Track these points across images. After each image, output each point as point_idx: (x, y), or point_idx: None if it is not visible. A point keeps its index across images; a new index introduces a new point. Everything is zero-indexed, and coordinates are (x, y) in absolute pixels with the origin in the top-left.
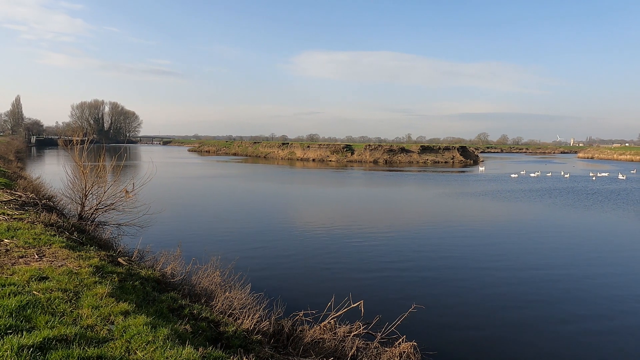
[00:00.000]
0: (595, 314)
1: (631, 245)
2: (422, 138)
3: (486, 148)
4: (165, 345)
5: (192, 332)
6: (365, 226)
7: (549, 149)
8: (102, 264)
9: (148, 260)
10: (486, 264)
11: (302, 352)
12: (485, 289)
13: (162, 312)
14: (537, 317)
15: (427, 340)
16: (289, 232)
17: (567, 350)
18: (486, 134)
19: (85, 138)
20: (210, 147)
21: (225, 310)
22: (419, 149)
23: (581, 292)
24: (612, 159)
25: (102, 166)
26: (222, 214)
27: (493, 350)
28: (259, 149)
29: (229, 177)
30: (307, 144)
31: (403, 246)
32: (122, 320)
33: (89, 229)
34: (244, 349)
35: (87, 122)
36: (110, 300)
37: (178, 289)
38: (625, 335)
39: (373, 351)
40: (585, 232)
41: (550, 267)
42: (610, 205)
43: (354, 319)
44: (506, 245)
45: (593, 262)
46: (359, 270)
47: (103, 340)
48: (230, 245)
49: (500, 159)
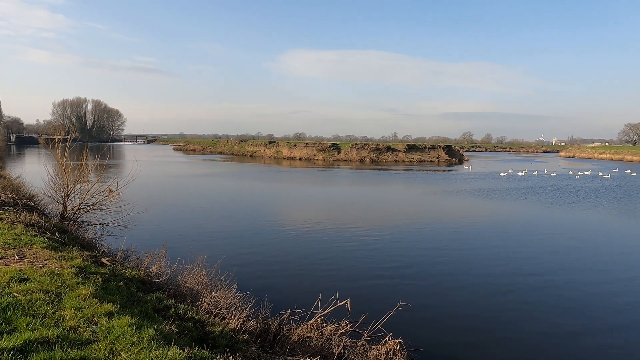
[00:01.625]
0: (583, 312)
1: (611, 238)
2: (408, 137)
3: (471, 147)
4: (150, 346)
5: (178, 333)
6: (352, 225)
7: (531, 148)
8: (85, 264)
9: (132, 261)
10: (472, 262)
11: (289, 351)
12: (470, 286)
13: (147, 313)
14: (523, 314)
15: (413, 338)
16: (276, 231)
17: (551, 346)
18: (471, 133)
19: (67, 136)
20: (195, 146)
21: (212, 310)
22: (405, 148)
23: (567, 290)
24: (592, 158)
25: (84, 165)
26: (208, 214)
27: (478, 347)
28: (245, 148)
29: (215, 176)
30: (294, 142)
31: (390, 245)
32: (105, 322)
33: (71, 229)
34: (231, 348)
35: (69, 120)
36: (93, 301)
37: (163, 289)
38: (609, 329)
39: (360, 349)
40: (573, 229)
41: (538, 265)
42: (592, 202)
43: (341, 318)
44: (493, 243)
45: (582, 260)
46: (345, 269)
47: (86, 341)
48: (216, 244)
49: (485, 158)
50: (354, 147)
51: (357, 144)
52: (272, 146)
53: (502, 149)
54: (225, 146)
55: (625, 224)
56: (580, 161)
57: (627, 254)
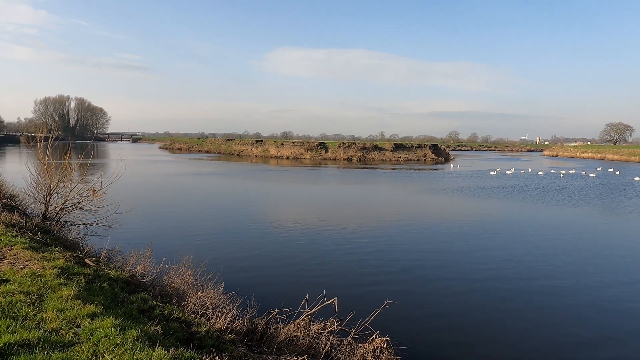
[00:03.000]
0: (570, 308)
1: (601, 235)
2: (395, 136)
3: (457, 146)
4: (134, 348)
5: (163, 333)
6: (340, 224)
7: (516, 147)
8: (68, 265)
9: (117, 261)
10: (459, 261)
11: (276, 350)
12: (457, 285)
13: (131, 314)
14: (510, 312)
15: (399, 335)
16: (263, 230)
17: (536, 344)
18: (457, 132)
19: (50, 135)
20: (182, 145)
21: (198, 310)
22: (392, 146)
23: (556, 288)
24: (575, 157)
25: (67, 164)
26: (194, 213)
27: (464, 344)
28: (232, 147)
29: (202, 175)
30: (281, 141)
31: (377, 243)
32: (89, 323)
33: (53, 229)
34: (217, 348)
35: (51, 119)
36: (76, 302)
37: (149, 289)
38: (592, 327)
39: (347, 347)
40: (563, 227)
41: (525, 264)
42: (580, 199)
43: (328, 316)
44: (481, 242)
45: (571, 259)
46: (333, 267)
47: (69, 344)
48: (203, 244)
49: (471, 157)
50: (342, 146)
51: (345, 143)
52: (259, 145)
53: (487, 148)
54: (212, 145)
55: (613, 220)
56: (563, 160)
57: (617, 249)
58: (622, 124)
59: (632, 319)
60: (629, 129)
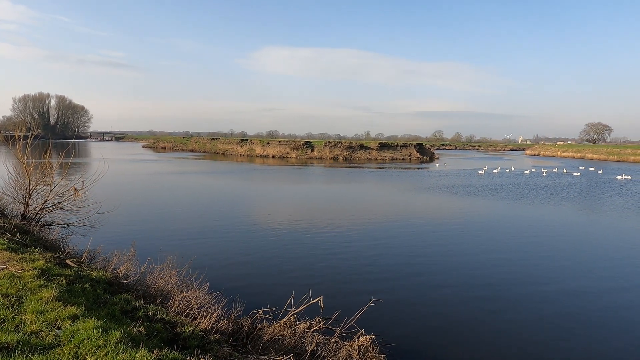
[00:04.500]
0: (553, 304)
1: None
2: (381, 135)
3: (441, 145)
4: (117, 349)
5: (147, 334)
6: (325, 223)
7: (499, 146)
8: (48, 266)
9: (99, 262)
10: (444, 259)
11: (261, 350)
12: (442, 282)
13: (114, 315)
14: (495, 311)
15: (385, 333)
16: (248, 229)
17: (521, 344)
18: (441, 132)
19: (29, 133)
20: (166, 144)
21: (182, 311)
22: (378, 146)
23: (543, 286)
24: (556, 156)
25: (48, 163)
26: (178, 213)
27: (447, 341)
28: (217, 146)
29: (186, 174)
30: (267, 140)
31: (362, 242)
32: (70, 325)
33: (33, 230)
34: (202, 349)
35: (30, 117)
36: (57, 304)
37: (132, 290)
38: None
39: (332, 346)
40: (551, 224)
41: (512, 262)
42: (558, 197)
43: (314, 315)
44: (463, 239)
45: (557, 255)
46: (318, 266)
47: (49, 346)
48: (187, 244)
49: (455, 156)
50: (327, 145)
51: (331, 142)
52: (244, 144)
53: (471, 147)
54: (197, 144)
55: (607, 219)
56: (544, 159)
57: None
58: (601, 124)
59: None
60: (607, 128)
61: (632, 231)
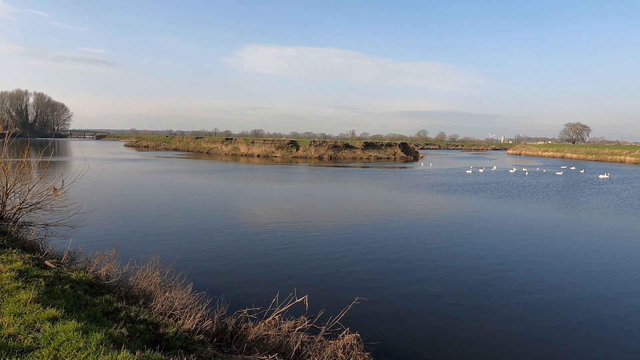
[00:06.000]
0: (537, 298)
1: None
2: (366, 134)
3: (425, 144)
4: (98, 351)
5: (129, 336)
6: (311, 222)
7: (482, 145)
8: (27, 267)
9: (80, 262)
10: (429, 257)
11: (246, 350)
12: (427, 281)
13: (95, 317)
14: (477, 307)
15: (370, 331)
16: (232, 229)
17: (507, 343)
18: (425, 131)
19: (6, 131)
20: (149, 142)
21: (166, 311)
22: (363, 145)
23: (531, 285)
24: (537, 155)
25: (26, 162)
26: (162, 212)
27: (433, 339)
28: (201, 145)
29: (170, 173)
30: (252, 139)
31: (346, 241)
32: (49, 327)
33: (10, 231)
34: (185, 349)
35: (7, 114)
36: (35, 306)
37: (114, 291)
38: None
39: (317, 345)
40: (539, 222)
41: (499, 261)
42: (541, 195)
43: (299, 314)
44: (448, 237)
45: (534, 251)
46: (303, 265)
47: (27, 349)
48: (170, 244)
49: (439, 155)
50: (313, 144)
51: (316, 141)
52: (229, 143)
53: (454, 147)
54: (180, 143)
55: (574, 214)
56: (526, 158)
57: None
58: (580, 124)
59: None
60: (586, 129)
61: (619, 229)
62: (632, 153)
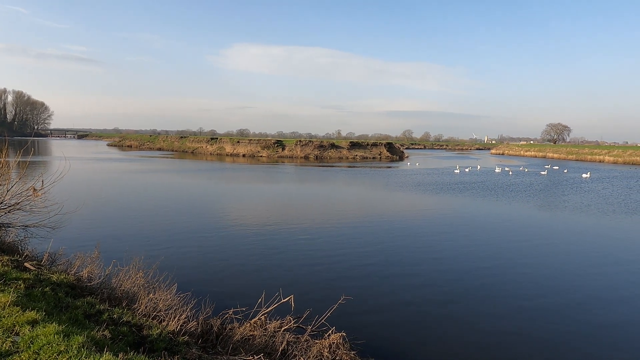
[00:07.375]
0: (535, 305)
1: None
2: (352, 134)
3: (410, 144)
4: (80, 354)
5: (112, 338)
6: (296, 222)
7: (466, 145)
8: (5, 270)
9: (61, 264)
10: (415, 256)
11: (231, 350)
12: (411, 279)
13: (77, 319)
14: (462, 305)
15: (355, 330)
16: (217, 229)
17: (489, 338)
18: (410, 131)
19: None
20: (132, 142)
21: (149, 313)
22: (349, 145)
23: (511, 283)
24: (519, 155)
25: (4, 162)
26: (145, 213)
27: (417, 337)
28: (186, 144)
29: (153, 173)
30: (237, 139)
31: (333, 240)
32: (29, 331)
33: None
34: (169, 351)
35: None
36: (14, 309)
37: (96, 293)
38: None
39: (303, 344)
40: (527, 221)
41: (485, 258)
42: (525, 194)
43: (285, 314)
44: (434, 237)
45: (521, 253)
46: (288, 265)
47: (6, 353)
48: (154, 244)
49: (424, 155)
50: (299, 144)
51: (302, 141)
52: (214, 142)
53: (439, 147)
54: (165, 142)
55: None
56: (509, 158)
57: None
58: (561, 125)
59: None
60: (567, 129)
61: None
62: (611, 153)
